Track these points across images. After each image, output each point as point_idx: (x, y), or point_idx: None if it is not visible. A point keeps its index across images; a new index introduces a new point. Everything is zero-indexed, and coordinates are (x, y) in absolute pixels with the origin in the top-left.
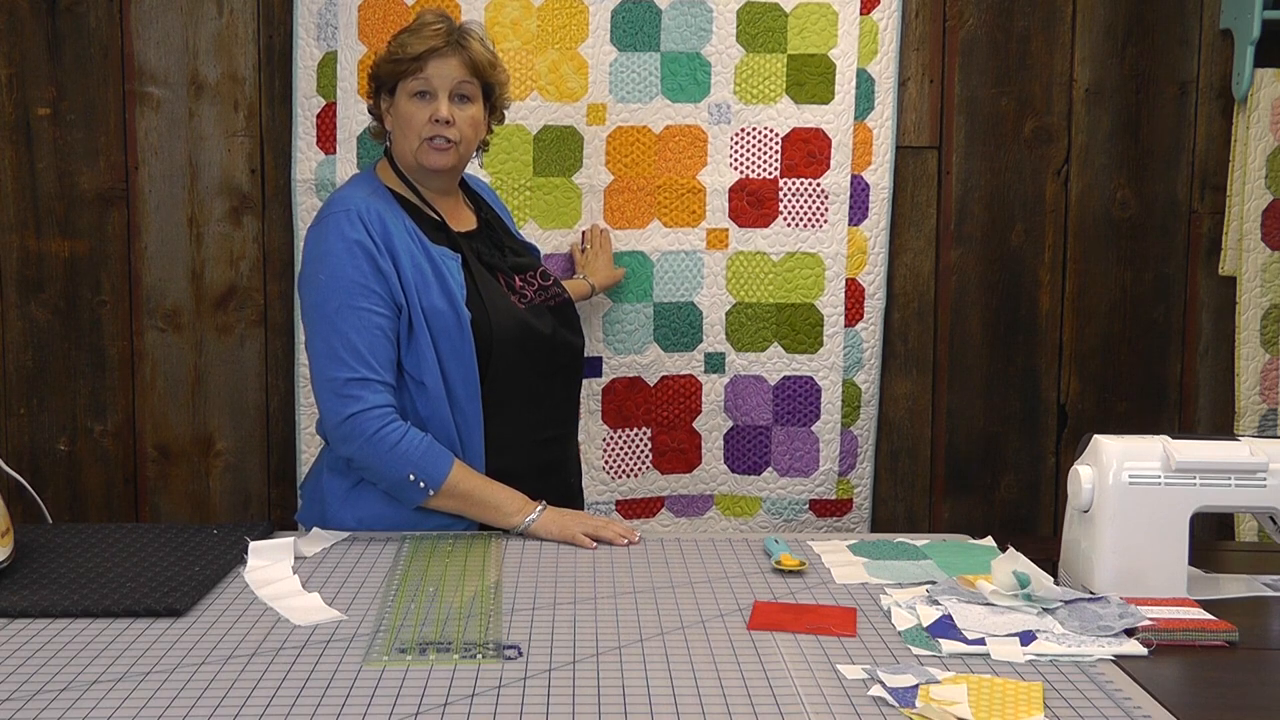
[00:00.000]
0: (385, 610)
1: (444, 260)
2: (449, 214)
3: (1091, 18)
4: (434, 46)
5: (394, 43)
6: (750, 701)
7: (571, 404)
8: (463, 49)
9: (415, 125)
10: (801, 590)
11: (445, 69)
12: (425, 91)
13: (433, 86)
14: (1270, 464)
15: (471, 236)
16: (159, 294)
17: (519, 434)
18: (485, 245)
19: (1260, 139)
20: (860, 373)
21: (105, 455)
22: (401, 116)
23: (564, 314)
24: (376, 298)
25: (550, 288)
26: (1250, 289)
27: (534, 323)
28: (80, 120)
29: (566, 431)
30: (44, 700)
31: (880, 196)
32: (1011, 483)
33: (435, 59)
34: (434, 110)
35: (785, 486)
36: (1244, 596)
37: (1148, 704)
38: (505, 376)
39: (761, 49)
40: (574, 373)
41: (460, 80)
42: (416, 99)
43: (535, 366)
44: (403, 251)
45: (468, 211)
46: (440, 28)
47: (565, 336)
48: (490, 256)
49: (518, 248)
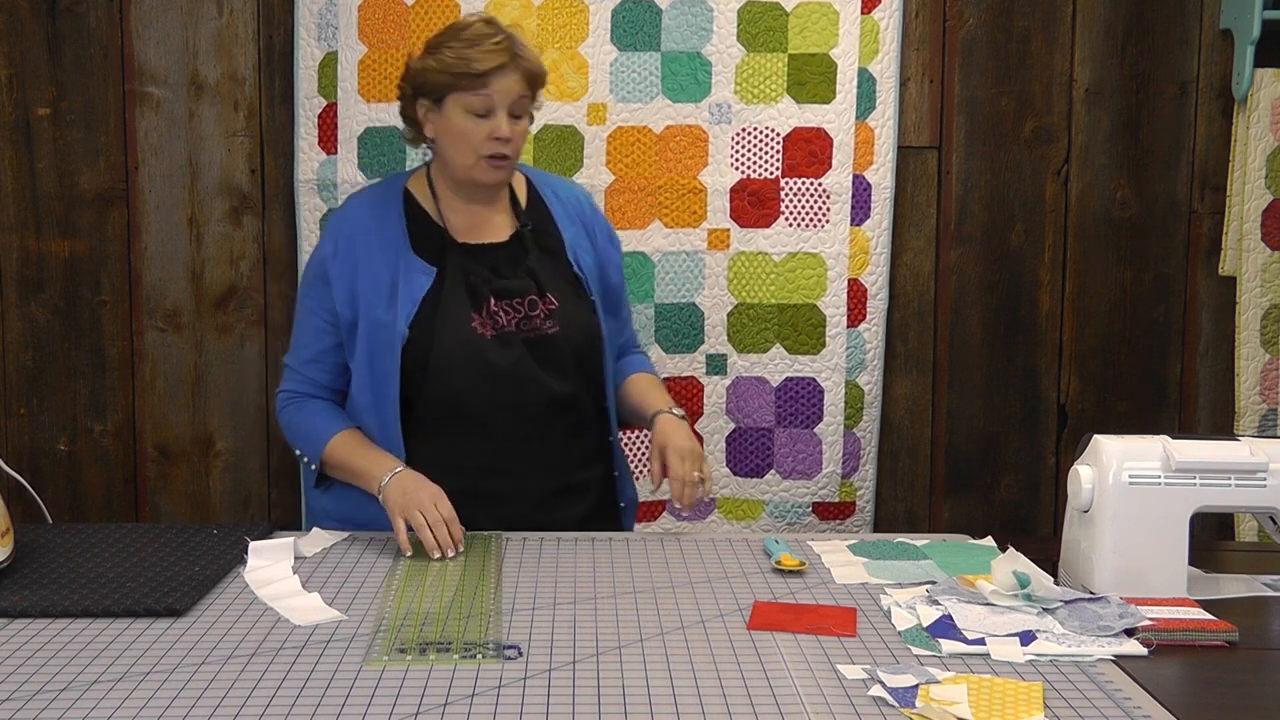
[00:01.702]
0: (385, 610)
1: (411, 275)
2: (472, 225)
3: (1091, 18)
4: (500, 64)
5: (448, 53)
6: (750, 701)
7: (543, 443)
8: (521, 62)
9: (473, 142)
10: (801, 590)
11: (507, 85)
12: (484, 111)
13: (494, 104)
14: (1270, 464)
15: (480, 251)
16: (159, 294)
17: (447, 459)
18: (482, 263)
19: (1260, 139)
20: (863, 374)
21: (105, 455)
22: (456, 131)
23: (543, 349)
24: (320, 302)
25: (535, 319)
26: (1250, 289)
27: (489, 354)
28: (80, 120)
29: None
30: (44, 700)
31: (882, 196)
32: (1011, 483)
33: (498, 76)
34: (494, 128)
35: (788, 489)
36: (1244, 596)
37: (1148, 704)
38: (438, 401)
39: (762, 48)
40: (545, 410)
41: (519, 96)
42: (473, 117)
43: (483, 396)
44: (367, 263)
45: (504, 221)
46: (501, 42)
47: (533, 372)
48: (476, 276)
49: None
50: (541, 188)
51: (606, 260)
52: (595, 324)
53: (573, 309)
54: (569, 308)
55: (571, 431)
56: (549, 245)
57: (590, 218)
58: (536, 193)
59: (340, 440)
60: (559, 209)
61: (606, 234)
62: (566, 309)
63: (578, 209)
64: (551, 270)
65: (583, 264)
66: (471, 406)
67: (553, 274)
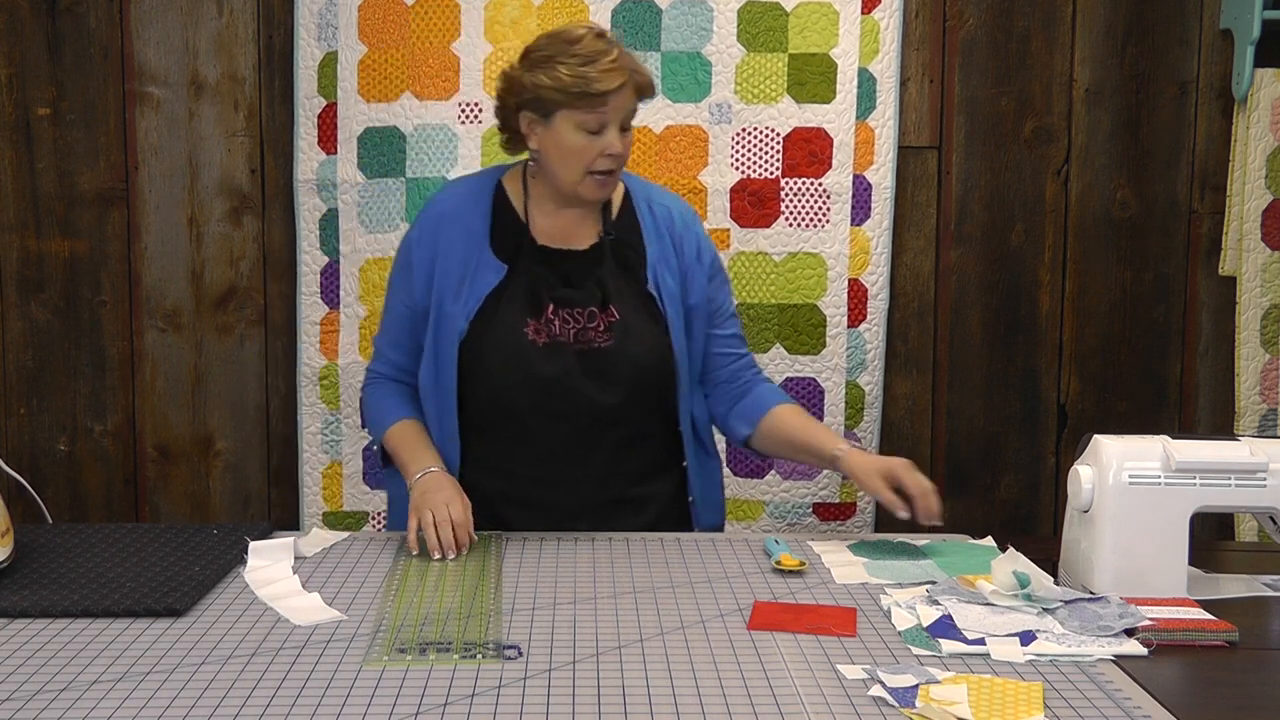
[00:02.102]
0: (385, 610)
1: (482, 270)
2: (557, 228)
3: (1091, 18)
4: (621, 85)
5: (563, 70)
6: (750, 701)
7: (590, 455)
8: (635, 77)
9: (584, 159)
10: (801, 590)
11: (622, 102)
12: (597, 128)
13: (608, 121)
14: (1270, 464)
15: (556, 256)
16: (159, 294)
17: (500, 461)
18: (554, 269)
19: (1260, 139)
20: (863, 374)
21: (105, 455)
22: (566, 147)
23: (595, 362)
24: (404, 287)
25: (591, 330)
26: (1250, 289)
27: (535, 362)
28: (80, 120)
29: (574, 477)
30: (44, 700)
31: (882, 196)
32: (1011, 483)
33: (616, 95)
34: (606, 145)
35: (788, 490)
36: (1244, 596)
37: (1148, 704)
38: (488, 401)
39: (762, 48)
40: (592, 422)
41: (631, 110)
42: (585, 133)
43: (527, 403)
44: (446, 253)
45: (590, 228)
46: (617, 58)
47: (579, 384)
48: (542, 281)
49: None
50: (638, 199)
51: (689, 278)
52: (665, 344)
53: (637, 325)
54: (633, 323)
55: (623, 445)
56: (628, 259)
57: (680, 234)
58: (631, 203)
59: (398, 429)
60: (649, 223)
61: (695, 251)
62: (629, 324)
63: (668, 224)
64: (624, 284)
65: (661, 282)
66: (518, 411)
67: (624, 288)
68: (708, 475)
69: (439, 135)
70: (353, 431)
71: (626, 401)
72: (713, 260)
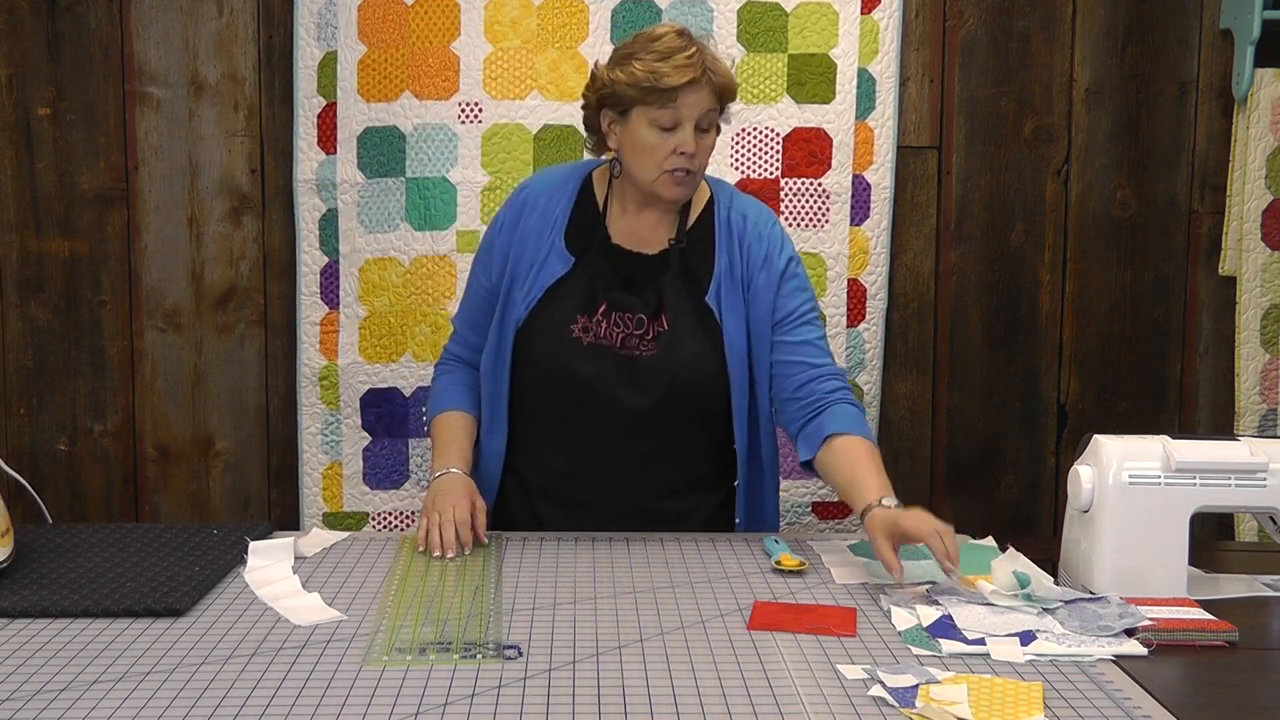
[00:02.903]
0: (385, 610)
1: (550, 260)
2: (633, 229)
3: (1091, 18)
4: (691, 80)
5: (638, 65)
6: (750, 701)
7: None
8: (712, 77)
9: (658, 156)
10: (801, 590)
11: (696, 100)
12: (671, 125)
13: (681, 119)
14: (1270, 464)
15: (625, 257)
16: (159, 294)
17: (539, 455)
18: (619, 270)
19: (1260, 139)
20: (862, 374)
21: (105, 455)
22: (641, 145)
23: (633, 369)
24: (484, 267)
25: (638, 337)
26: (1250, 289)
27: (576, 361)
28: (80, 120)
29: (609, 483)
30: (44, 700)
31: (882, 196)
32: (1011, 483)
33: (688, 91)
34: (680, 143)
35: (788, 488)
36: (1244, 596)
37: (1148, 704)
38: (532, 395)
39: (762, 48)
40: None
41: (708, 110)
42: (660, 130)
43: (566, 401)
44: (524, 237)
45: (665, 233)
46: (693, 55)
47: (612, 389)
48: (603, 281)
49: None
50: (719, 207)
51: (755, 288)
52: (716, 358)
53: (687, 338)
54: (682, 335)
55: (653, 455)
56: (695, 268)
57: (751, 242)
58: (712, 211)
59: (441, 420)
60: (724, 232)
61: (764, 257)
62: (677, 335)
63: (741, 233)
64: (684, 294)
65: (723, 295)
66: (558, 406)
67: (683, 299)
68: (761, 499)
69: (439, 135)
70: (353, 431)
71: (657, 411)
72: (788, 264)
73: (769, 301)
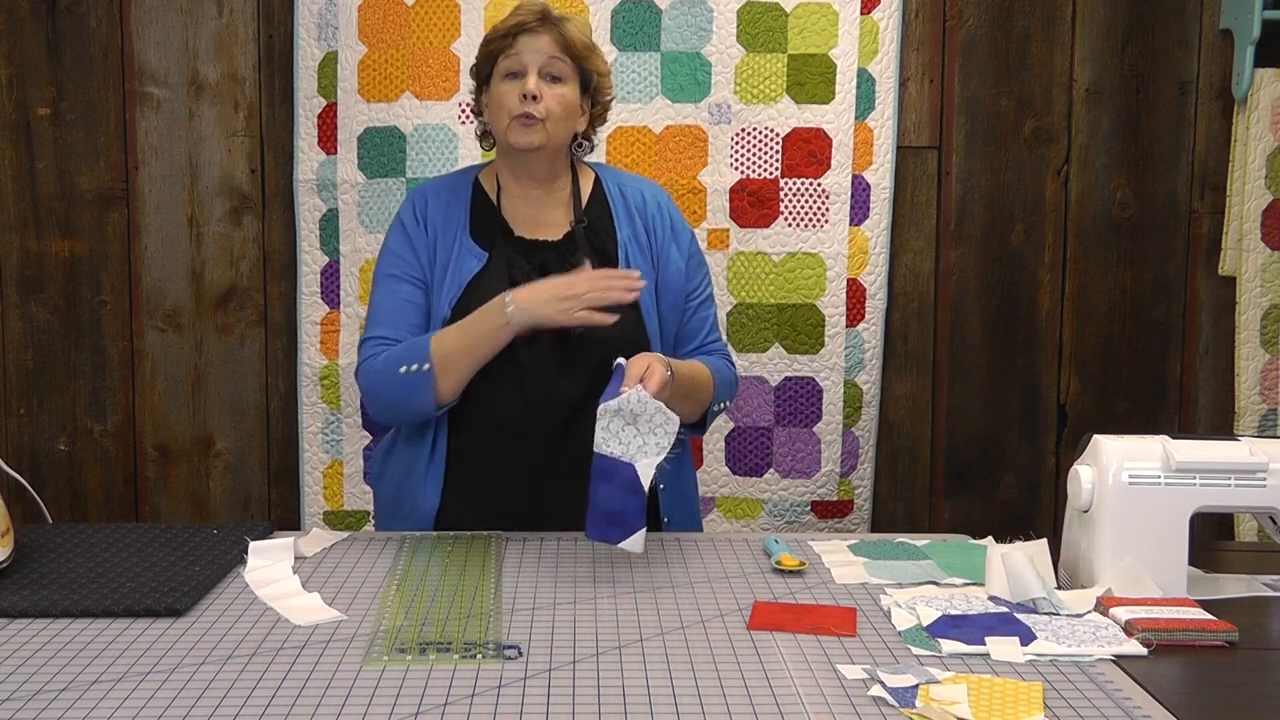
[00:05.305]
0: (385, 610)
1: (463, 258)
2: (531, 218)
3: (1091, 18)
4: (523, 22)
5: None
6: (750, 701)
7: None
8: (555, 28)
9: (506, 105)
10: (801, 590)
11: (535, 44)
12: (516, 71)
13: (523, 64)
14: (1270, 464)
15: (532, 246)
16: (159, 294)
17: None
18: (531, 259)
19: (1260, 139)
20: (861, 373)
21: (105, 455)
22: (494, 99)
23: (567, 349)
24: (408, 268)
25: None
26: (1250, 289)
27: (516, 347)
28: (80, 120)
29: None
30: (44, 700)
31: (881, 196)
32: (1011, 483)
33: (525, 35)
34: (523, 86)
35: (787, 488)
36: (1244, 596)
37: (1148, 704)
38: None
39: (762, 49)
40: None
41: (551, 56)
42: (509, 80)
43: (506, 391)
44: (439, 240)
45: (561, 217)
46: (535, 9)
47: (551, 378)
48: (519, 270)
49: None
50: (608, 185)
51: (663, 258)
52: (638, 328)
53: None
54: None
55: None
56: (601, 245)
57: (653, 215)
58: (602, 190)
59: (439, 332)
60: (620, 207)
61: (669, 231)
62: None
63: (640, 206)
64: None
65: (633, 264)
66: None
67: None
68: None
69: (439, 135)
70: (353, 431)
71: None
72: (690, 242)
73: (680, 275)
